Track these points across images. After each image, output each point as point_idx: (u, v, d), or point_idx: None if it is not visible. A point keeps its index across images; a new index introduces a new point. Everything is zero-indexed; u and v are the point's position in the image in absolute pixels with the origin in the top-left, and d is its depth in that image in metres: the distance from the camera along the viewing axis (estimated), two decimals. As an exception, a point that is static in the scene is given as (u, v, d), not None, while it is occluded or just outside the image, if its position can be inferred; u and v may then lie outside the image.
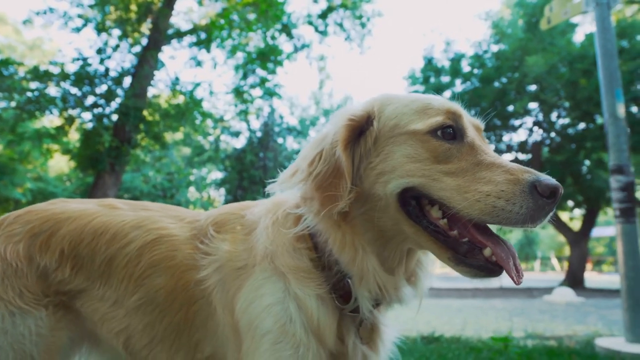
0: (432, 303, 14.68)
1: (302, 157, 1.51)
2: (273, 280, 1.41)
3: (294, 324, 1.35)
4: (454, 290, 22.27)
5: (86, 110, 16.68)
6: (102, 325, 1.57)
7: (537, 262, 59.76)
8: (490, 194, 1.20)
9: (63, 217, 1.63)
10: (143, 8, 17.07)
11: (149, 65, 16.58)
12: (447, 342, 6.27)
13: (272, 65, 19.85)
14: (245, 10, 18.79)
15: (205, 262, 1.50)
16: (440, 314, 10.95)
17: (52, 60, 17.23)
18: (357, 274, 1.39)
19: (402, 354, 5.10)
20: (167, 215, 1.67)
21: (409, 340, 6.51)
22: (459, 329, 8.09)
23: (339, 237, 1.38)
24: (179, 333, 1.51)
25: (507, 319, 9.96)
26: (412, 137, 1.35)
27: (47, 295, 1.55)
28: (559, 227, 24.11)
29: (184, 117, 17.61)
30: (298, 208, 1.51)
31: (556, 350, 5.55)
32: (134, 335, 1.55)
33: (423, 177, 1.30)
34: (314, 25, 21.73)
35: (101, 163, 15.48)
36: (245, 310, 1.38)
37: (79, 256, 1.57)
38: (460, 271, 1.30)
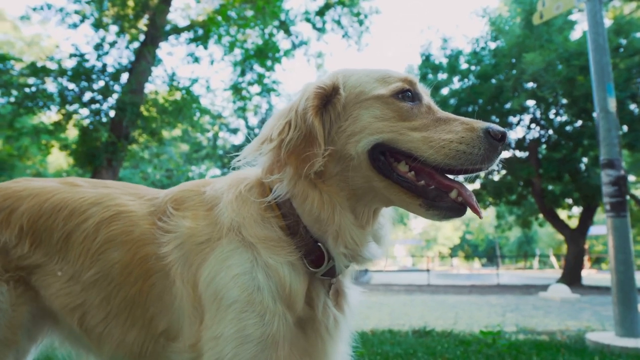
0: (427, 298, 14.72)
1: (268, 128, 1.54)
2: (240, 251, 1.41)
3: (262, 292, 1.37)
4: (450, 286, 22.32)
5: (83, 106, 16.66)
6: (56, 301, 1.57)
7: (535, 260, 59.81)
8: (453, 141, 1.37)
9: (24, 195, 1.64)
10: (140, 4, 17.04)
11: (146, 61, 16.56)
12: (438, 336, 6.30)
13: (270, 62, 19.84)
14: (242, 7, 18.76)
15: (166, 239, 1.49)
16: (434, 309, 10.98)
17: (49, 56, 17.16)
18: (334, 230, 1.43)
19: (391, 346, 5.14)
20: (126, 192, 1.68)
21: (400, 333, 6.54)
22: (451, 323, 8.13)
23: (317, 196, 1.43)
24: (134, 307, 1.51)
25: (500, 314, 10.00)
26: (377, 100, 1.49)
27: (8, 271, 1.57)
28: (557, 225, 24.13)
29: (181, 113, 17.58)
30: (262, 180, 1.55)
31: (545, 344, 5.58)
32: (90, 311, 1.55)
33: (391, 133, 1.44)
34: (312, 22, 21.69)
35: (98, 159, 15.48)
36: (210, 282, 1.39)
37: (38, 232, 1.58)
38: (430, 215, 1.42)
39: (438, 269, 55.73)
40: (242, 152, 1.56)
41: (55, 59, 16.96)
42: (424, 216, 1.44)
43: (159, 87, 19.23)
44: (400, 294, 17.52)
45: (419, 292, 18.38)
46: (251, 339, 1.33)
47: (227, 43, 19.20)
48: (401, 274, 38.45)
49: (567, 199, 24.94)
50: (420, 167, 1.44)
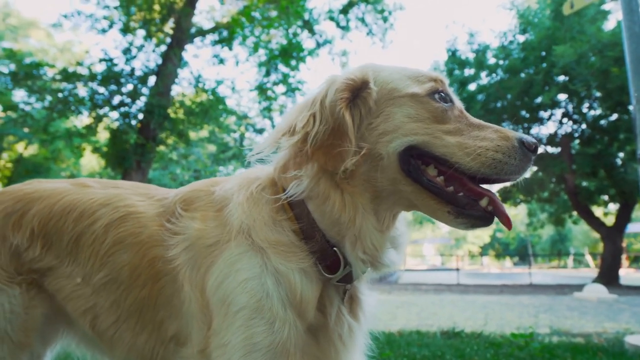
0: (457, 298, 14.47)
1: (287, 120, 1.45)
2: (249, 255, 1.35)
3: (271, 298, 1.30)
4: (481, 286, 21.90)
5: (113, 109, 17.07)
6: (69, 304, 1.55)
7: (569, 259, 58.17)
8: (489, 149, 1.33)
9: (35, 197, 1.62)
10: (166, 8, 17.32)
11: (173, 63, 16.83)
12: (467, 338, 6.14)
13: (295, 61, 19.85)
14: (266, 7, 18.84)
15: (174, 241, 1.45)
16: (463, 310, 10.76)
17: (79, 61, 17.64)
18: (352, 234, 1.36)
19: (419, 348, 5.02)
20: (136, 193, 1.64)
21: (428, 334, 6.40)
22: (481, 324, 7.91)
23: (339, 197, 1.36)
24: (143, 311, 1.47)
25: (533, 315, 9.71)
26: (412, 98, 1.42)
27: (20, 274, 1.55)
28: (592, 223, 23.38)
29: (207, 115, 17.78)
30: (275, 180, 1.49)
31: (582, 347, 5.35)
32: (101, 314, 1.52)
33: (426, 135, 1.37)
34: (336, 20, 21.60)
35: (128, 160, 15.81)
36: (218, 286, 1.34)
37: (48, 234, 1.56)
38: (458, 223, 1.36)
39: (468, 268, 54.90)
40: (258, 145, 1.49)
41: (85, 64, 17.41)
42: (450, 224, 1.37)
43: (186, 89, 19.51)
44: (429, 293, 17.28)
45: (448, 292, 18.08)
46: (260, 347, 1.27)
47: (252, 44, 19.31)
48: (430, 273, 38.01)
49: (603, 196, 24.13)
50: (449, 173, 1.37)
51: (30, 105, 19.00)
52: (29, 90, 17.44)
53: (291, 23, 19.50)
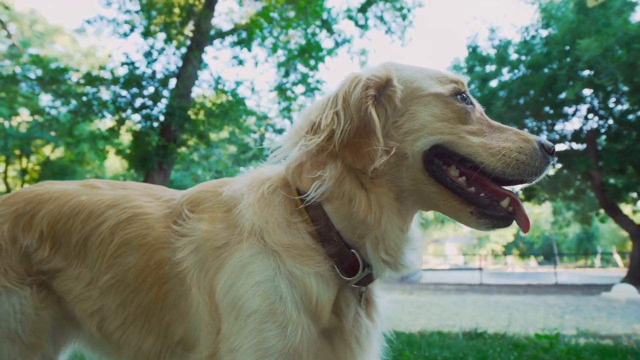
0: (479, 298, 14.26)
1: (309, 118, 1.42)
2: (261, 257, 1.32)
3: (284, 301, 1.27)
4: (504, 286, 21.55)
5: (135, 111, 17.35)
6: (76, 306, 1.55)
7: (597, 258, 56.78)
8: (512, 150, 1.34)
9: (45, 198, 1.62)
10: (186, 11, 17.52)
11: (193, 66, 17.01)
12: (490, 339, 6.04)
13: (314, 61, 19.85)
14: (284, 7, 18.89)
15: (181, 243, 1.42)
16: (486, 310, 10.58)
17: (102, 65, 17.99)
18: (374, 236, 1.34)
19: (440, 349, 4.95)
20: (144, 194, 1.62)
21: (450, 335, 6.31)
22: (504, 325, 7.76)
23: (365, 197, 1.33)
24: (150, 314, 1.46)
25: (558, 316, 9.49)
26: (437, 98, 1.42)
27: (30, 275, 1.55)
28: (620, 221, 22.76)
29: (227, 116, 17.93)
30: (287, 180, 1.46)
31: (610, 350, 5.20)
32: (108, 316, 1.51)
33: (451, 135, 1.37)
34: (354, 19, 21.52)
35: (150, 162, 16.04)
36: (228, 289, 1.30)
37: (57, 236, 1.56)
38: (479, 224, 1.36)
39: (491, 268, 54.09)
40: (277, 144, 1.47)
41: (108, 68, 17.75)
42: (472, 225, 1.37)
43: (206, 90, 19.71)
44: (451, 293, 17.07)
45: (470, 292, 17.83)
46: (272, 352, 1.24)
47: (270, 44, 19.39)
48: (452, 272, 37.59)
49: (631, 193, 23.46)
50: (470, 174, 1.37)
51: (56, 109, 19.50)
52: (54, 95, 17.88)
53: (309, 23, 19.51)
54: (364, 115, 1.33)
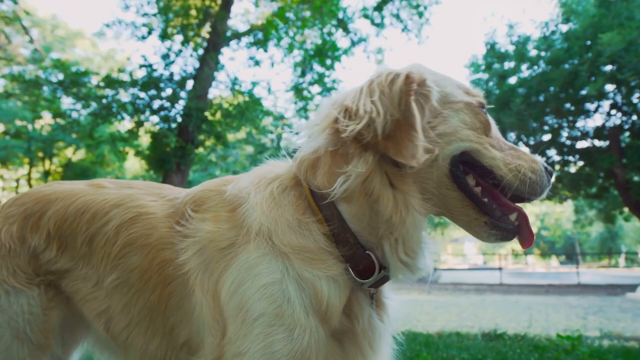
0: (499, 299, 14.05)
1: (345, 102, 1.36)
2: (269, 259, 1.29)
3: (292, 304, 1.24)
4: (525, 286, 21.21)
5: (153, 113, 17.56)
6: (84, 306, 1.55)
7: (621, 257, 55.52)
8: (526, 168, 1.39)
9: (52, 198, 1.62)
10: (202, 13, 17.67)
11: (209, 67, 17.14)
12: (510, 340, 5.93)
13: (330, 61, 19.82)
14: (300, 7, 18.91)
15: (184, 244, 1.40)
16: (506, 310, 10.41)
17: (120, 68, 18.27)
18: (395, 237, 1.31)
19: (458, 351, 4.88)
20: (149, 192, 1.61)
21: (469, 336, 6.22)
22: (524, 326, 7.62)
23: (392, 196, 1.29)
24: (154, 316, 1.44)
25: (581, 317, 9.28)
26: (467, 107, 1.44)
27: (39, 275, 1.56)
28: (645, 219, 22.19)
29: (244, 116, 18.02)
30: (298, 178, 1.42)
31: (635, 352, 5.06)
32: (114, 317, 1.50)
33: (478, 144, 1.40)
34: (370, 18, 21.41)
35: (168, 163, 16.22)
36: (234, 292, 1.27)
37: (63, 236, 1.56)
38: (489, 235, 1.38)
39: (511, 267, 53.33)
40: (303, 128, 1.43)
41: (127, 70, 18.01)
42: (481, 235, 1.39)
43: (223, 91, 19.85)
44: (470, 293, 16.86)
45: (490, 292, 17.59)
46: (279, 355, 1.22)
47: (286, 45, 19.44)
48: (471, 272, 37.14)
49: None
50: (485, 185, 1.41)
51: (77, 112, 19.88)
52: (75, 98, 18.22)
53: (325, 22, 19.49)
54: (405, 108, 1.29)
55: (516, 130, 22.17)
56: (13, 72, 20.15)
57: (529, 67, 22.12)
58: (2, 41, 19.98)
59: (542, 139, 23.07)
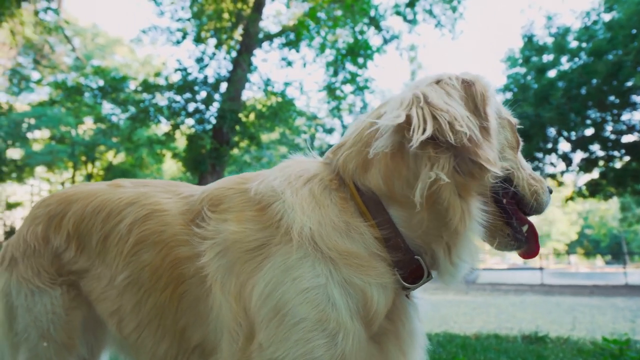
0: (540, 300, 13.59)
1: (430, 100, 1.26)
2: (312, 261, 1.21)
3: (337, 309, 1.18)
4: (567, 286, 20.46)
5: (189, 116, 17.95)
6: (98, 306, 1.55)
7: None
8: (539, 188, 1.46)
9: (73, 199, 1.64)
10: (234, 15, 17.93)
11: (242, 69, 17.38)
12: (552, 343, 5.70)
13: (362, 59, 19.73)
14: (331, 7, 18.89)
15: (204, 247, 1.33)
16: (547, 312, 10.05)
17: (157, 72, 18.77)
18: (453, 243, 1.29)
19: (496, 353, 4.72)
20: (164, 190, 1.58)
21: (508, 339, 6.03)
22: (567, 329, 7.33)
23: (460, 206, 1.25)
24: (164, 316, 1.40)
25: (629, 319, 8.85)
26: (509, 125, 1.48)
27: (61, 275, 1.57)
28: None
29: (277, 117, 18.17)
30: (342, 177, 1.36)
31: (690, 357, 4.75)
32: (125, 317, 1.48)
33: (513, 163, 1.44)
34: (403, 14, 21.17)
35: (203, 164, 16.55)
36: (268, 295, 1.20)
37: (81, 236, 1.56)
38: (507, 244, 1.43)
39: (553, 267, 51.62)
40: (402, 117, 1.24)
41: (163, 75, 18.48)
42: (499, 244, 1.43)
43: (256, 93, 20.08)
44: (509, 294, 16.39)
45: (530, 293, 17.05)
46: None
47: (318, 44, 19.47)
48: (510, 272, 36.22)
49: None
50: (507, 199, 1.44)
51: (116, 117, 20.57)
52: (114, 103, 18.84)
53: (357, 21, 19.41)
54: (485, 116, 1.29)
55: (556, 125, 21.41)
56: (57, 80, 21.03)
57: (569, 59, 21.31)
58: (46, 50, 20.88)
59: (585, 134, 22.23)
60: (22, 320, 1.55)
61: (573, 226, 69.41)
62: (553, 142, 23.03)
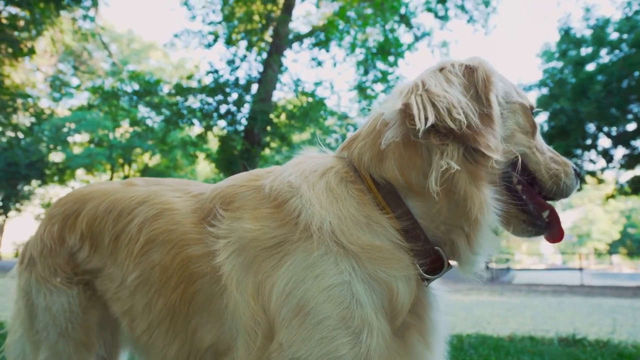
0: (579, 301, 13.13)
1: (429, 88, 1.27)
2: (334, 258, 1.19)
3: (362, 306, 1.16)
4: (609, 288, 19.70)
5: (221, 117, 18.27)
6: (112, 306, 1.54)
7: None
8: (561, 172, 1.41)
9: (87, 198, 1.63)
10: (265, 17, 18.12)
11: (273, 70, 17.56)
12: (590, 346, 5.49)
13: (393, 57, 19.59)
14: (361, 6, 18.84)
15: (218, 246, 1.30)
16: (587, 314, 9.70)
17: (190, 75, 19.18)
18: (472, 233, 1.27)
19: (531, 356, 4.60)
20: (175, 189, 1.56)
21: (544, 341, 5.85)
22: (608, 331, 7.04)
23: (476, 194, 1.23)
24: (174, 317, 1.37)
25: (676, 322, 8.43)
26: (522, 108, 1.43)
27: (77, 274, 1.58)
28: None
29: (308, 117, 18.25)
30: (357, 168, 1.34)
31: None
32: (136, 317, 1.45)
33: (528, 149, 1.40)
34: (434, 11, 20.89)
35: (235, 165, 16.79)
36: (290, 293, 1.17)
37: (94, 235, 1.56)
38: (525, 232, 1.40)
39: (594, 268, 49.84)
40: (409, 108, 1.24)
41: (195, 78, 18.89)
42: (517, 231, 1.40)
43: (287, 93, 20.24)
44: (547, 295, 15.90)
45: (568, 294, 16.50)
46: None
47: (348, 44, 19.45)
48: (548, 272, 35.11)
49: None
50: (525, 185, 1.40)
51: (151, 120, 21.17)
52: (149, 106, 19.39)
53: (387, 19, 19.29)
54: (487, 102, 1.28)
55: (596, 120, 20.65)
56: (95, 85, 21.82)
57: (609, 51, 20.51)
58: (84, 57, 21.68)
59: (626, 129, 21.35)
60: (42, 318, 1.58)
61: (615, 225, 66.70)
62: (592, 138, 22.25)
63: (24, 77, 19.99)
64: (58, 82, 26.24)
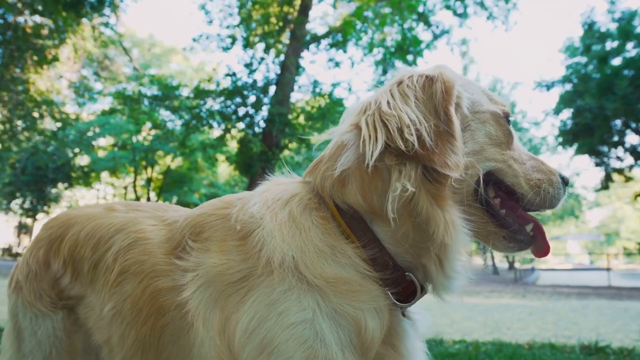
0: (605, 304, 12.74)
1: (382, 108, 1.21)
2: (297, 294, 1.14)
3: (327, 345, 1.11)
4: (637, 289, 19.08)
5: (239, 120, 18.38)
6: (94, 334, 1.52)
7: None
8: (544, 182, 1.35)
9: (71, 223, 1.61)
10: (281, 20, 18.17)
11: (290, 72, 17.58)
12: (615, 354, 5.31)
13: (412, 56, 19.38)
14: (378, 5, 18.70)
15: (185, 280, 1.27)
16: (612, 319, 9.40)
17: (208, 78, 19.37)
18: (443, 255, 1.21)
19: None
20: (152, 215, 1.54)
21: (565, 348, 5.69)
22: (634, 338, 6.81)
23: (442, 217, 1.17)
24: (145, 350, 1.34)
25: None
26: (493, 117, 1.35)
27: (61, 299, 1.56)
28: None
29: (326, 118, 18.21)
30: (320, 194, 1.29)
31: None
32: (113, 348, 1.43)
33: (502, 163, 1.33)
34: (453, 8, 20.59)
35: (253, 167, 16.87)
36: (253, 331, 1.14)
37: (75, 262, 1.54)
38: (507, 247, 1.35)
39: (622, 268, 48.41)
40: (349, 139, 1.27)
41: (214, 80, 19.06)
42: (498, 247, 1.36)
43: (305, 95, 20.24)
44: (571, 298, 15.49)
45: (594, 296, 16.03)
46: None
47: (366, 44, 19.34)
48: (575, 273, 34.24)
49: None
50: (504, 198, 1.35)
51: (172, 123, 21.45)
52: (169, 109, 19.66)
53: (405, 18, 19.08)
54: (445, 117, 1.20)
55: (622, 116, 20.06)
56: (117, 90, 22.24)
57: (635, 45, 19.90)
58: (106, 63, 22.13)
59: (655, 125, 20.68)
60: (28, 342, 1.58)
61: (646, 224, 64.62)
62: (619, 134, 21.62)
63: (48, 84, 20.50)
64: (82, 88, 26.88)
